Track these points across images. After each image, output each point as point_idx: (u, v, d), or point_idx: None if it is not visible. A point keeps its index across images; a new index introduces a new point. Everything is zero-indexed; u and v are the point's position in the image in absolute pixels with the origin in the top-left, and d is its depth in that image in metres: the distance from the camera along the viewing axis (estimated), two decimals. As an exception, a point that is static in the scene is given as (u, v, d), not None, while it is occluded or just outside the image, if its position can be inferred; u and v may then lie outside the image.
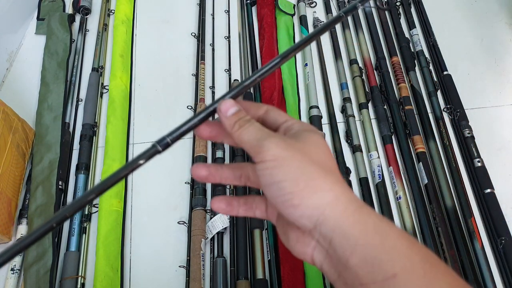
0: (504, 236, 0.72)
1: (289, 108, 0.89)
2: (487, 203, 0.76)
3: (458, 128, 0.87)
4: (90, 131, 0.86)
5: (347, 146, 0.86)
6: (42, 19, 1.06)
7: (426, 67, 0.96)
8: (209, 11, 1.07)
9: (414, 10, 1.08)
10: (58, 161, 0.80)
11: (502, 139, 0.87)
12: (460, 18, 1.08)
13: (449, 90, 0.92)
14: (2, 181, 0.73)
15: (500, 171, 0.82)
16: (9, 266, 0.71)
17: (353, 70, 0.96)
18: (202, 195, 0.78)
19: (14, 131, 0.79)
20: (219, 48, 1.01)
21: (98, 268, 0.70)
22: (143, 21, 1.08)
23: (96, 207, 0.77)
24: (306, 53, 0.98)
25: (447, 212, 0.76)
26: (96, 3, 1.08)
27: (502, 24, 1.07)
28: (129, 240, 0.76)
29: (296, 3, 1.09)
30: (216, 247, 0.73)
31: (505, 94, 0.94)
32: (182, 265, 0.72)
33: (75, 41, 1.01)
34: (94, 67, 0.96)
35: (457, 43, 1.02)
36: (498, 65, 0.99)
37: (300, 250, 0.29)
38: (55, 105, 0.88)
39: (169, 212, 0.78)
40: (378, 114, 0.89)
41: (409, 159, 0.82)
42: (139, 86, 0.97)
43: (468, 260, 0.71)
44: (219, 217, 0.74)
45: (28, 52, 1.02)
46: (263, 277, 0.70)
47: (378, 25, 1.05)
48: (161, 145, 0.28)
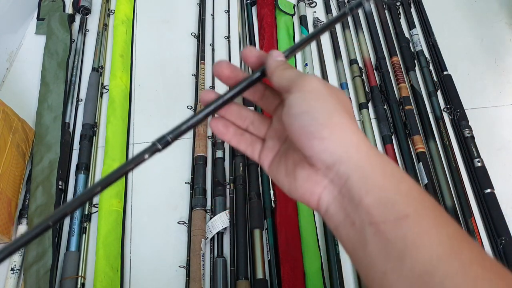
0: (504, 236, 0.72)
1: (289, 108, 0.89)
2: (487, 203, 0.76)
3: (458, 128, 0.87)
4: (90, 131, 0.86)
5: (347, 146, 0.86)
6: (42, 19, 1.06)
7: (426, 67, 0.96)
8: (209, 11, 1.07)
9: (414, 10, 1.08)
10: (58, 161, 0.80)
11: (502, 139, 0.87)
12: (460, 18, 1.08)
13: (449, 90, 0.92)
14: (2, 181, 0.73)
15: (500, 171, 0.82)
16: (9, 266, 0.71)
17: (353, 70, 0.96)
18: (202, 195, 0.78)
19: (14, 131, 0.79)
20: (219, 48, 1.01)
21: (98, 268, 0.70)
22: (143, 21, 1.08)
23: (96, 207, 0.77)
24: (306, 53, 0.98)
25: (447, 212, 0.76)
26: (96, 3, 1.08)
27: (502, 24, 1.07)
28: (129, 240, 0.76)
29: (296, 3, 1.09)
30: (216, 247, 0.73)
31: (505, 94, 0.94)
32: (182, 265, 0.72)
33: (75, 41, 1.01)
34: (94, 67, 0.96)
35: (457, 43, 1.02)
36: (498, 65, 0.99)
37: (309, 189, 0.29)
38: (55, 105, 0.88)
39: (169, 212, 0.78)
40: (378, 114, 0.89)
41: (409, 159, 0.82)
42: (139, 86, 0.97)
43: (468, 260, 0.71)
44: (219, 217, 0.74)
45: (28, 52, 1.02)
46: (263, 277, 0.70)
47: (378, 25, 1.05)
48: (162, 143, 0.28)
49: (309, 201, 0.29)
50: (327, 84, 0.29)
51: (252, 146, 0.34)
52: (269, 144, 0.33)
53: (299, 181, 0.29)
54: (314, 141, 0.27)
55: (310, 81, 0.28)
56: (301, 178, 0.29)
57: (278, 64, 0.30)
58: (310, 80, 0.28)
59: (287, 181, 0.31)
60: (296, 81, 0.29)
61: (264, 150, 0.33)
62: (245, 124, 0.34)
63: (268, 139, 0.33)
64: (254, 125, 0.34)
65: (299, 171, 0.30)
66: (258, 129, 0.34)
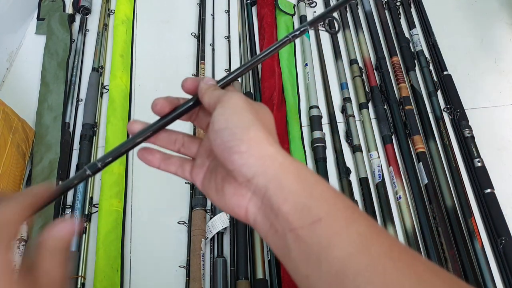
0: (504, 236, 0.72)
1: (289, 108, 0.89)
2: (487, 203, 0.76)
3: (458, 128, 0.86)
4: (90, 131, 0.86)
5: (347, 146, 0.86)
6: (42, 19, 1.06)
7: (426, 67, 0.96)
8: (209, 11, 1.07)
9: (414, 10, 1.08)
10: (58, 161, 0.80)
11: (502, 139, 0.87)
12: (460, 18, 1.08)
13: (449, 90, 0.92)
14: (2, 181, 0.73)
15: (500, 171, 0.82)
16: (9, 266, 0.71)
17: (353, 70, 0.95)
18: (202, 195, 0.77)
19: (14, 131, 0.79)
20: (219, 48, 1.01)
21: (98, 268, 0.70)
22: (143, 21, 1.08)
23: (96, 207, 0.77)
24: (306, 53, 0.98)
25: (447, 212, 0.76)
26: (96, 3, 1.08)
27: (502, 24, 1.07)
28: (129, 240, 0.76)
29: (296, 3, 1.09)
30: (216, 247, 0.73)
31: (505, 94, 0.94)
32: (182, 265, 0.72)
33: (75, 41, 1.01)
34: (94, 67, 0.96)
35: (457, 43, 1.02)
36: (498, 65, 0.99)
37: (236, 203, 0.30)
38: (55, 105, 0.88)
39: (169, 212, 0.78)
40: (378, 114, 0.89)
41: (409, 159, 0.82)
42: (139, 86, 0.97)
43: (468, 260, 0.71)
44: (219, 217, 0.74)
45: (28, 52, 1.02)
46: (263, 277, 0.70)
47: (378, 25, 1.05)
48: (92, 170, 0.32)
49: (239, 214, 0.31)
50: (248, 101, 0.31)
51: (182, 167, 0.35)
52: (198, 162, 0.35)
53: (227, 195, 0.31)
54: (234, 156, 0.29)
55: (231, 97, 0.30)
56: (229, 192, 0.31)
57: (209, 86, 0.33)
58: (231, 96, 0.30)
59: (217, 197, 0.32)
60: (221, 98, 0.31)
61: (194, 168, 0.35)
62: (177, 147, 0.36)
63: (197, 157, 0.35)
64: (185, 146, 0.36)
65: (226, 186, 0.31)
66: (188, 149, 0.36)
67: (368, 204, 0.77)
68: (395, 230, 0.74)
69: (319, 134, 0.84)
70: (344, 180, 0.80)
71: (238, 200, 0.30)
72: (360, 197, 0.79)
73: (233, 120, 0.29)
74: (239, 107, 0.30)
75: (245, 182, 0.29)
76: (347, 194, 0.78)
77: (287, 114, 0.88)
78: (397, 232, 0.75)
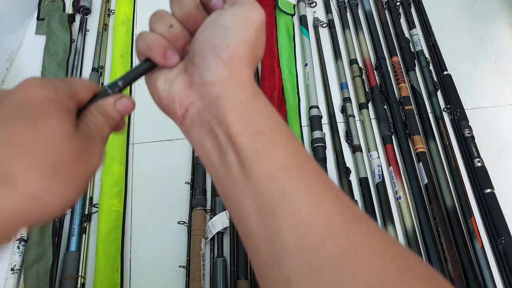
0: (504, 236, 0.72)
1: (289, 108, 0.89)
2: (487, 203, 0.76)
3: (458, 128, 0.87)
4: (90, 131, 0.86)
5: (347, 146, 0.86)
6: (42, 19, 1.06)
7: (426, 67, 0.96)
8: (209, 11, 1.07)
9: (414, 10, 1.08)
10: (58, 161, 0.80)
11: (502, 139, 0.87)
12: (460, 18, 1.08)
13: (449, 90, 0.92)
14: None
15: (500, 171, 0.82)
16: (9, 266, 0.71)
17: (353, 70, 0.96)
18: (202, 195, 0.78)
19: (14, 131, 0.78)
20: (219, 48, 1.01)
21: (98, 268, 0.70)
22: (143, 21, 1.08)
23: (96, 207, 0.77)
24: (306, 53, 0.98)
25: (447, 212, 0.76)
26: (96, 3, 1.08)
27: (502, 24, 1.07)
28: (129, 240, 0.76)
29: (296, 3, 1.09)
30: (216, 247, 0.73)
31: (505, 94, 0.94)
32: (182, 265, 0.72)
33: (75, 41, 1.01)
34: (94, 67, 0.96)
35: (457, 43, 1.02)
36: (498, 65, 0.99)
37: (178, 99, 0.30)
38: (55, 105, 0.88)
39: (169, 212, 0.78)
40: (378, 114, 0.89)
41: (409, 159, 0.82)
42: (139, 86, 0.97)
43: (468, 260, 0.71)
44: (219, 217, 0.74)
45: (28, 52, 1.02)
46: (263, 277, 0.70)
47: (378, 25, 1.05)
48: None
49: (175, 112, 0.31)
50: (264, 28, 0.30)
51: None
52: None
53: (173, 89, 0.31)
54: (209, 55, 0.28)
55: (255, 8, 0.30)
56: (176, 86, 0.30)
57: None
58: (255, 7, 0.30)
59: (163, 87, 0.32)
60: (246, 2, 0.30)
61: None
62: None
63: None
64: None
65: (177, 80, 0.31)
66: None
67: (368, 204, 0.77)
68: (395, 230, 0.74)
69: (319, 134, 0.84)
70: (344, 180, 0.80)
71: (182, 98, 0.30)
72: (360, 197, 0.79)
73: (238, 27, 0.28)
74: (254, 22, 0.29)
75: (198, 83, 0.29)
76: (347, 194, 0.78)
77: (287, 114, 0.88)
78: (397, 232, 0.75)
